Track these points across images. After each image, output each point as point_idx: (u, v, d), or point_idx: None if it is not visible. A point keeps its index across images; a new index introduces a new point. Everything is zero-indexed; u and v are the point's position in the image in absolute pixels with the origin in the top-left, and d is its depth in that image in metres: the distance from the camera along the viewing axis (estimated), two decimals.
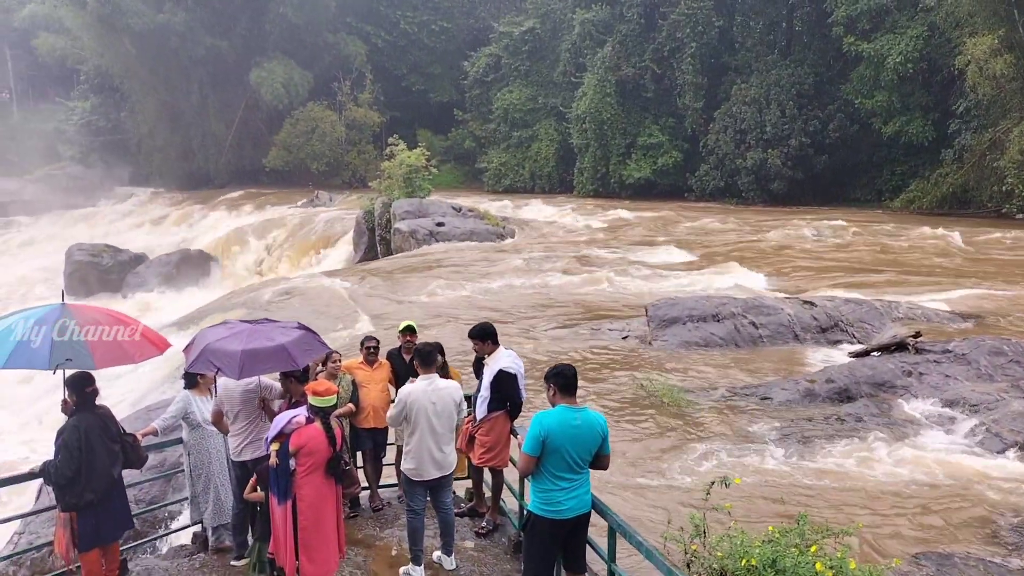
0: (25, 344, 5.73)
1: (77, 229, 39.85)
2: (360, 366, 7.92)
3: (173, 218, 41.14)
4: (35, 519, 9.35)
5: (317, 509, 5.58)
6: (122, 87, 49.97)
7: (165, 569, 6.76)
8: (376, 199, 30.26)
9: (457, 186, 48.66)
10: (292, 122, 47.04)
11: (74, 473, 6.02)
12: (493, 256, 23.76)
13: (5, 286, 32.28)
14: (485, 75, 49.60)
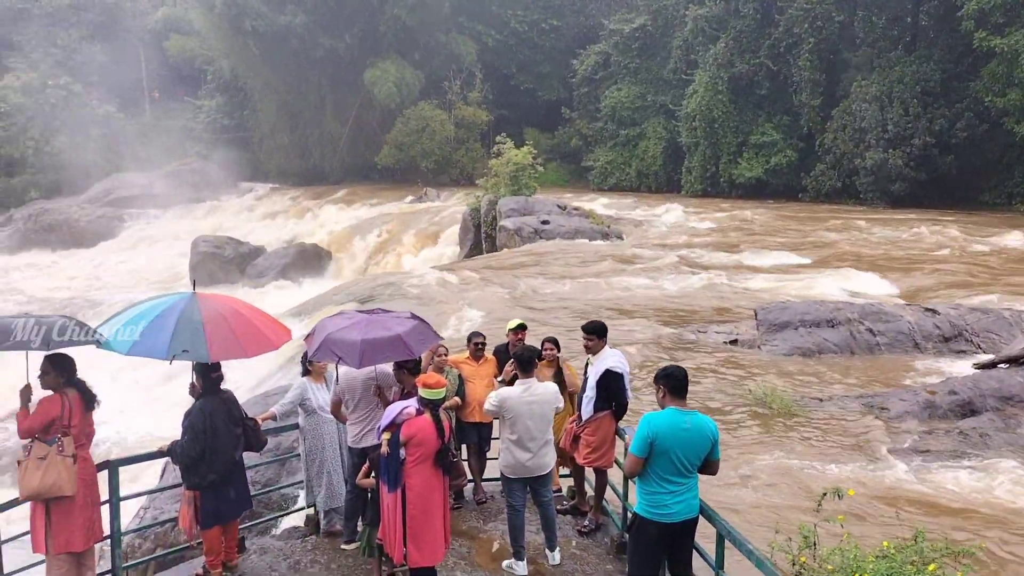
0: (150, 333, 6.02)
1: (202, 222, 41.96)
2: (467, 361, 8.05)
3: (290, 213, 42.75)
4: (159, 495, 9.92)
5: (425, 499, 5.71)
6: (246, 87, 52.26)
7: (280, 549, 7.05)
8: (482, 196, 30.60)
9: (563, 184, 48.67)
10: (403, 120, 48.09)
11: (199, 454, 6.34)
12: (598, 255, 23.65)
13: (137, 274, 34.36)
14: (594, 73, 49.40)
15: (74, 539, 5.99)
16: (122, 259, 37.26)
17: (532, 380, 6.37)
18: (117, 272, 35.17)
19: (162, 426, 14.21)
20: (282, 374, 16.45)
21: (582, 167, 49.72)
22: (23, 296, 30.81)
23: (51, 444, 5.89)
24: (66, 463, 5.89)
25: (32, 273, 35.72)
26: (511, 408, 6.27)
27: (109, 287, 32.16)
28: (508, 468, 6.44)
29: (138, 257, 37.20)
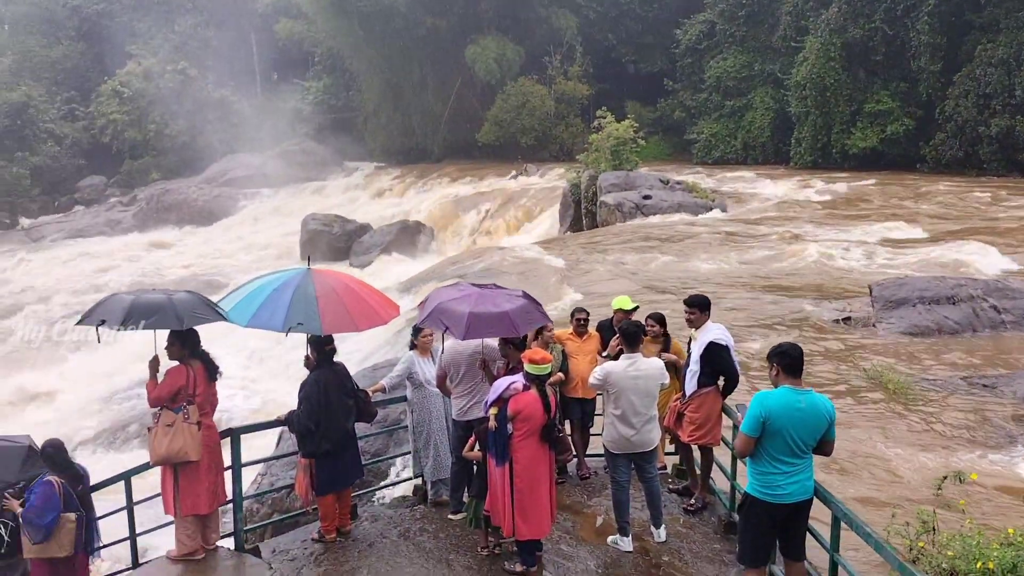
0: (267, 306, 6.27)
1: (311, 200, 43.28)
2: (570, 337, 8.04)
3: (394, 191, 43.59)
4: (275, 463, 10.36)
5: (532, 473, 5.76)
6: (351, 67, 53.40)
7: (389, 517, 7.26)
8: (583, 172, 30.37)
9: (665, 158, 47.77)
10: (503, 97, 48.14)
11: (314, 424, 6.58)
12: (702, 229, 23.16)
13: (252, 250, 35.80)
14: (698, 43, 48.12)
15: (200, 502, 6.33)
16: (238, 236, 38.89)
17: (637, 355, 6.31)
18: (233, 249, 36.73)
19: (279, 396, 14.84)
20: (388, 348, 16.87)
21: (685, 140, 48.64)
22: (150, 272, 32.60)
23: (177, 412, 6.22)
24: (191, 430, 6.21)
25: (156, 250, 37.73)
26: (615, 382, 6.23)
27: (227, 263, 33.65)
28: (612, 443, 6.41)
29: (252, 235, 38.73)
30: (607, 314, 8.27)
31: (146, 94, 53.06)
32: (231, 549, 6.68)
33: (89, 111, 55.35)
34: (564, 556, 6.32)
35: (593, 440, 8.21)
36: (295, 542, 6.80)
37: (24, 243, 41.70)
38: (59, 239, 41.65)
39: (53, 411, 18.56)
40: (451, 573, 6.04)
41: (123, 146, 53.24)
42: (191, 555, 6.39)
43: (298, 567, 6.27)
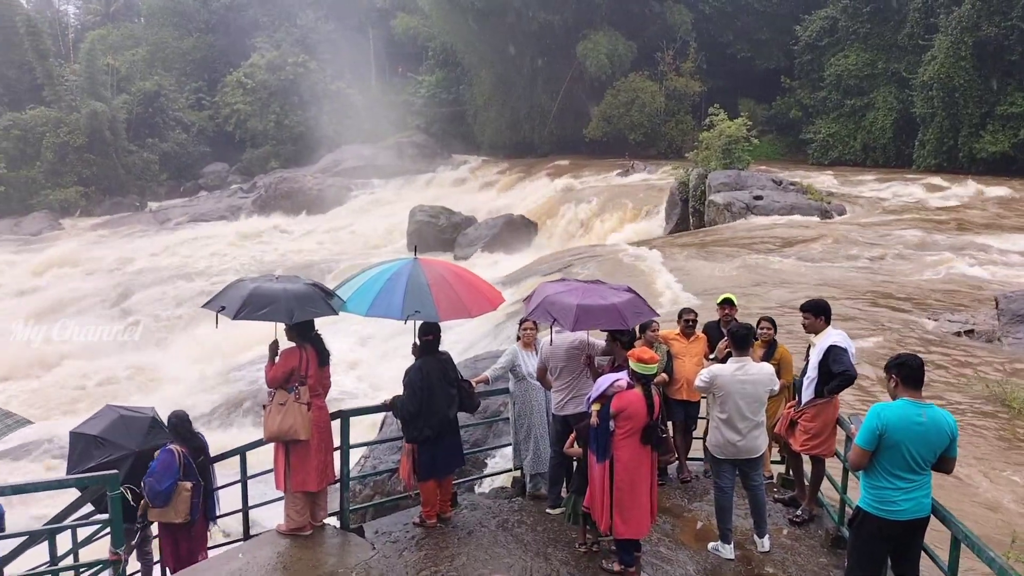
0: (384, 295, 6.43)
1: (419, 192, 44.14)
2: (677, 337, 7.93)
3: (500, 185, 43.95)
4: (378, 446, 10.64)
5: (633, 472, 5.71)
6: (463, 62, 54.10)
7: (488, 507, 7.34)
8: (691, 170, 29.83)
9: (778, 158, 46.36)
10: (613, 93, 47.75)
11: (416, 410, 6.71)
12: (815, 233, 22.38)
13: (362, 239, 36.84)
14: (818, 39, 46.42)
15: (309, 479, 6.57)
16: (349, 225, 40.06)
17: (747, 359, 6.16)
18: (344, 237, 37.89)
19: (385, 381, 15.24)
20: (490, 340, 17.07)
21: (800, 140, 47.07)
22: (265, 257, 34.01)
23: (290, 392, 6.47)
24: (301, 410, 6.45)
25: (272, 235, 39.30)
26: (722, 386, 6.11)
27: (337, 250, 34.74)
28: (716, 448, 6.29)
29: (362, 224, 39.81)
30: (714, 316, 8.13)
31: (268, 85, 55.25)
32: (337, 527, 6.90)
33: (215, 101, 58.10)
34: (663, 559, 6.25)
35: (695, 443, 8.09)
36: (397, 525, 6.96)
37: (152, 225, 44.18)
38: (183, 222, 43.92)
39: (175, 385, 19.63)
40: (548, 567, 6.06)
41: (245, 135, 55.63)
42: (299, 530, 6.63)
43: (400, 549, 6.41)
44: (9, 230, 43.41)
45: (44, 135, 49.43)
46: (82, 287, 31.65)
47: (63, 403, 20.54)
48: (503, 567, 6.01)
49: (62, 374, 22.42)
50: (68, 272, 34.61)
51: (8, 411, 7.06)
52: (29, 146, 49.30)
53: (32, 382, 22.19)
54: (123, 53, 57.42)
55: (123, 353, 23.84)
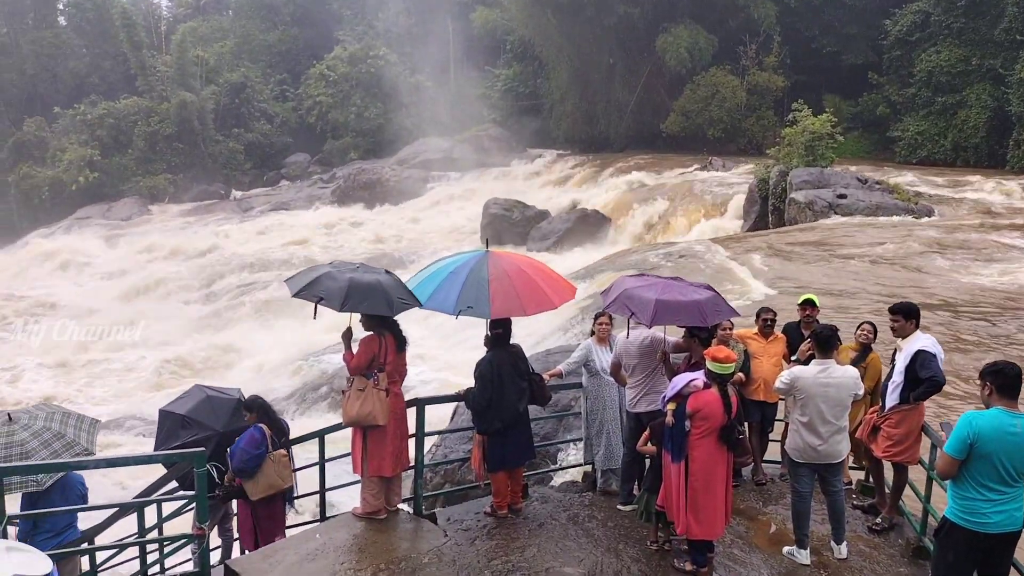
0: (443, 288, 6.48)
1: (494, 185, 44.31)
2: (754, 337, 7.80)
3: (574, 179, 43.76)
4: (449, 435, 10.76)
5: (708, 472, 5.64)
6: (541, 55, 54.04)
7: (559, 500, 7.36)
8: (772, 167, 29.17)
9: (863, 156, 44.91)
10: (692, 87, 47.00)
11: (486, 402, 6.76)
12: (902, 234, 21.64)
13: (436, 230, 37.26)
14: (909, 34, 44.77)
15: (385, 465, 6.69)
16: (424, 216, 40.54)
17: (831, 361, 6.01)
18: (419, 229, 38.36)
19: (458, 371, 15.39)
20: (562, 334, 17.06)
21: (887, 137, 45.51)
22: (345, 247, 34.70)
23: (369, 378, 6.59)
24: (380, 396, 6.56)
25: (350, 226, 40.06)
26: (804, 388, 5.97)
27: (412, 242, 35.21)
28: (795, 451, 6.16)
29: (437, 216, 40.23)
30: (793, 316, 7.96)
31: (349, 78, 56.24)
32: (410, 513, 7.02)
33: (298, 92, 59.47)
34: (736, 560, 6.16)
35: (771, 446, 7.95)
36: (468, 513, 7.03)
37: (235, 212, 45.54)
38: (265, 210, 45.14)
39: (255, 368, 20.22)
40: (619, 563, 6.04)
41: (326, 126, 56.79)
42: (374, 514, 6.76)
43: (471, 537, 6.48)
44: (102, 215, 45.34)
45: (136, 124, 51.47)
46: (168, 271, 32.89)
47: (147, 381, 21.40)
48: (573, 560, 6.02)
49: (146, 353, 23.34)
50: (155, 256, 36.00)
51: (80, 415, 7.31)
52: (122, 134, 51.41)
53: (121, 360, 23.17)
54: (212, 45, 59.25)
55: (206, 335, 24.68)
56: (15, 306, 29.77)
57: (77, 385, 21.72)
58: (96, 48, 58.00)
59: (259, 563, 6.08)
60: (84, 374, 22.43)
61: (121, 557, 8.44)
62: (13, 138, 51.82)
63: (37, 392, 21.05)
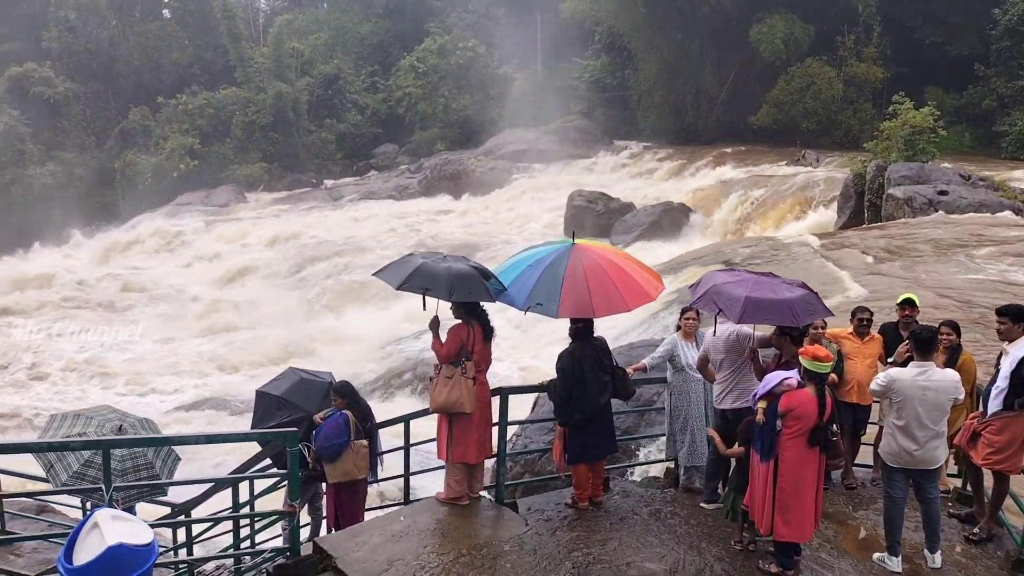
0: (518, 282, 6.47)
1: (579, 176, 44.14)
2: (849, 336, 7.58)
3: (661, 172, 43.21)
4: (530, 425, 10.84)
5: (798, 474, 5.52)
6: (629, 46, 53.48)
7: (640, 495, 7.32)
8: (869, 162, 28.16)
9: (966, 151, 42.84)
10: (786, 79, 45.69)
11: (567, 395, 6.77)
12: (1009, 235, 20.60)
13: (520, 221, 37.39)
14: (1021, 23, 42.47)
15: (469, 452, 6.79)
16: (508, 208, 40.73)
17: (930, 364, 5.79)
18: (503, 220, 38.56)
19: (541, 362, 15.47)
20: (644, 328, 16.94)
21: (993, 132, 43.32)
22: (430, 236, 35.18)
23: (456, 366, 6.69)
24: (467, 384, 6.66)
25: (435, 216, 40.59)
26: (901, 391, 5.77)
27: (497, 233, 35.43)
28: (890, 456, 5.97)
29: (522, 207, 40.35)
30: (891, 316, 7.70)
31: (438, 69, 56.87)
32: (492, 500, 7.10)
33: (388, 84, 60.50)
34: (824, 565, 6.02)
35: (863, 449, 7.73)
36: (549, 504, 7.07)
37: (326, 201, 46.70)
38: (354, 199, 46.14)
39: (341, 353, 20.76)
40: (701, 560, 5.97)
41: (415, 117, 57.61)
42: (457, 500, 6.88)
43: (552, 527, 6.52)
44: (200, 201, 47.16)
45: (234, 114, 53.33)
46: (261, 256, 34.02)
47: (238, 362, 22.23)
48: (655, 556, 5.99)
49: (238, 336, 24.23)
50: (250, 242, 37.27)
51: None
52: (221, 124, 53.37)
53: (213, 342, 24.12)
54: (307, 37, 60.77)
55: (295, 320, 25.45)
56: (122, 288, 31.34)
57: (178, 361, 22.76)
58: (198, 40, 60.28)
59: (346, 542, 6.26)
60: (186, 353, 23.47)
61: (215, 531, 8.83)
62: (119, 126, 54.45)
63: (144, 368, 22.22)
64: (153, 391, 20.71)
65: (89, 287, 31.47)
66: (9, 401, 20.28)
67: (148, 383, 21.24)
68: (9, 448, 7.49)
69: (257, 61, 56.15)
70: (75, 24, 56.22)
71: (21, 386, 21.62)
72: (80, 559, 2.80)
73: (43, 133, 51.71)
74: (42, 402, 20.07)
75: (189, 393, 20.01)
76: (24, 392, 21.14)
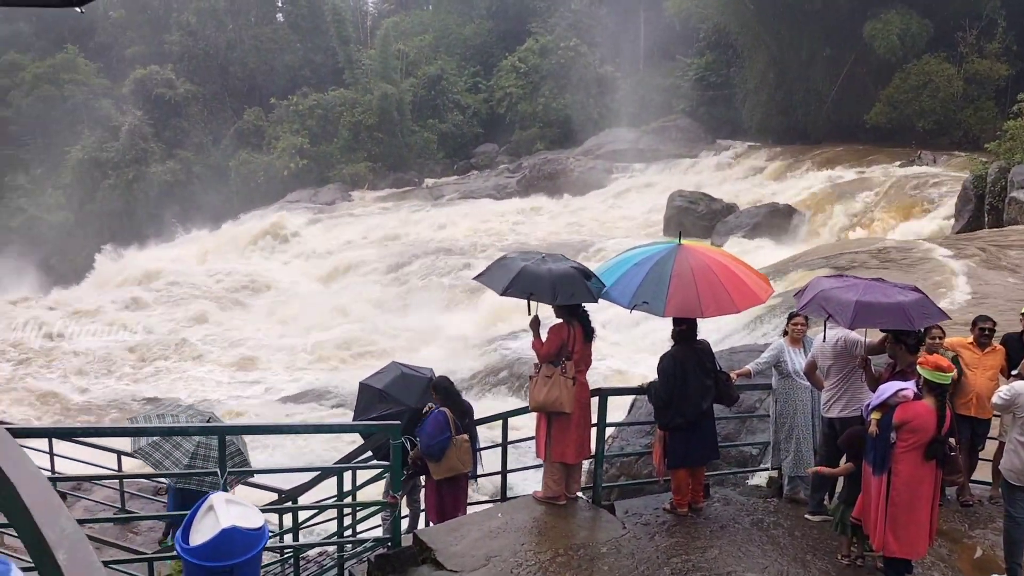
0: (623, 280, 6.41)
1: (679, 177, 43.47)
2: (969, 347, 7.22)
3: (767, 172, 42.06)
4: (627, 428, 10.73)
5: (912, 489, 5.28)
6: (735, 43, 52.29)
7: (742, 504, 7.16)
8: (990, 163, 26.66)
9: None
10: (902, 76, 43.69)
11: (668, 398, 6.67)
12: None
13: (618, 222, 37.13)
14: None
15: (568, 452, 6.79)
16: (607, 208, 40.49)
17: None
18: (600, 220, 38.36)
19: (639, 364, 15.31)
20: (746, 332, 16.54)
21: None
22: (528, 236, 35.37)
23: (556, 365, 6.69)
24: (567, 384, 6.65)
25: (533, 215, 40.72)
26: None
27: (596, 233, 35.28)
28: (1012, 473, 5.65)
29: (620, 207, 40.06)
30: (1014, 327, 7.28)
31: (540, 69, 57.04)
32: (589, 501, 7.08)
33: (490, 84, 61.05)
34: None
35: (980, 465, 7.34)
36: (647, 508, 6.99)
37: (427, 200, 47.53)
38: (454, 199, 46.77)
39: (439, 349, 21.09)
40: (806, 573, 5.79)
41: (515, 117, 57.95)
42: (554, 499, 6.88)
43: (651, 532, 6.44)
44: (308, 199, 48.78)
45: (342, 114, 54.92)
46: (364, 253, 34.91)
47: (340, 356, 22.89)
48: (757, 567, 5.84)
49: (341, 331, 24.94)
50: (353, 239, 38.31)
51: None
52: (329, 124, 55.06)
53: (317, 336, 24.90)
54: (412, 39, 61.98)
55: (395, 316, 26.02)
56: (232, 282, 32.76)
57: (283, 354, 23.63)
58: (309, 43, 62.34)
59: (445, 535, 6.36)
60: (291, 346, 24.35)
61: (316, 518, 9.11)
62: (235, 126, 56.85)
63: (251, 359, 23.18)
64: (258, 381, 21.59)
65: (201, 281, 33.04)
66: (115, 388, 21.66)
67: (254, 374, 22.15)
68: (129, 432, 7.91)
69: (364, 63, 57.64)
70: (195, 28, 59.04)
71: (127, 375, 22.99)
72: (196, 540, 2.94)
73: (164, 132, 54.58)
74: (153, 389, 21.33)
75: (293, 384, 20.76)
76: (131, 380, 22.47)
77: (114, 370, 23.49)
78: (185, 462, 7.16)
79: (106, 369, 23.51)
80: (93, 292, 34.61)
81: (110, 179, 51.83)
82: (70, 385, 22.09)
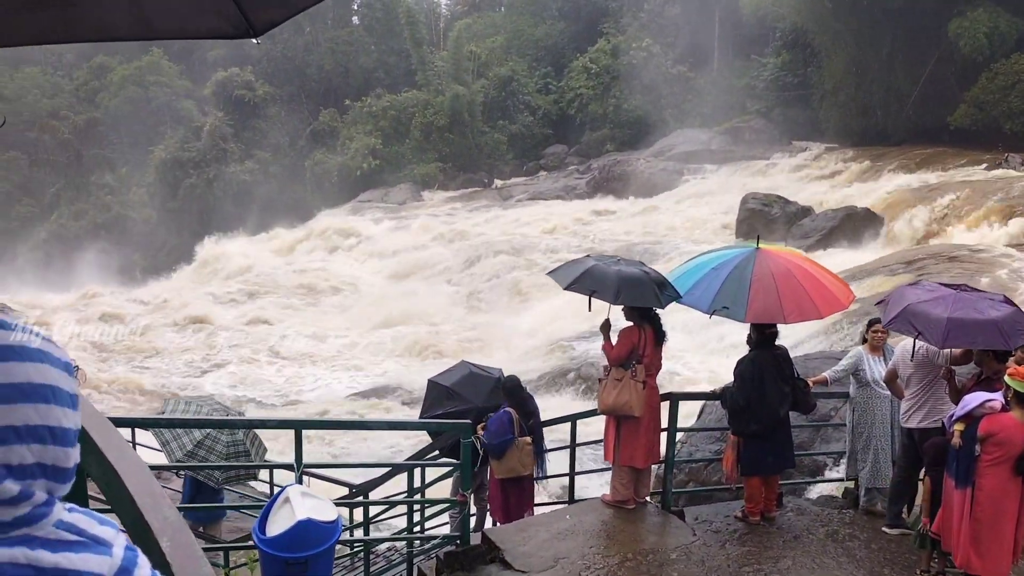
0: (702, 284, 6.34)
1: (753, 178, 42.63)
2: None
3: (845, 175, 40.89)
4: (696, 434, 10.59)
5: (997, 504, 5.09)
6: (813, 43, 51.05)
7: (816, 514, 7.01)
8: None
9: None
10: (989, 76, 41.97)
11: (744, 403, 6.57)
12: None
13: (688, 224, 36.64)
14: None
15: (637, 456, 6.74)
16: (677, 210, 40.00)
17: None
18: (670, 222, 37.90)
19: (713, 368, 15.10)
20: (823, 338, 16.17)
21: None
22: (596, 237, 35.20)
23: (626, 369, 6.66)
24: (637, 387, 6.61)
25: (601, 217, 40.53)
26: None
27: (664, 235, 34.91)
28: None
29: (690, 210, 39.51)
30: None
31: (611, 70, 56.77)
32: (658, 506, 7.02)
33: (560, 85, 61.02)
34: None
35: None
36: (718, 515, 6.90)
37: (496, 200, 47.76)
38: (523, 199, 46.88)
39: (507, 350, 21.16)
40: None
41: (585, 118, 57.79)
42: (623, 503, 6.85)
43: (721, 540, 6.36)
44: (380, 199, 49.57)
45: (414, 115, 55.64)
46: (434, 253, 35.27)
47: (410, 354, 23.17)
48: None
49: (411, 329, 25.24)
50: (423, 239, 38.74)
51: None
52: (401, 125, 55.85)
53: (387, 334, 25.27)
54: (484, 40, 62.38)
55: (463, 316, 26.22)
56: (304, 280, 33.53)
57: (354, 350, 24.07)
58: (383, 45, 63.35)
59: (514, 535, 6.39)
60: (361, 343, 24.80)
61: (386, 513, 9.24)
62: (311, 127, 58.14)
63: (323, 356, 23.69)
64: (331, 378, 22.03)
65: (276, 277, 33.88)
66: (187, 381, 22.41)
67: (326, 370, 22.61)
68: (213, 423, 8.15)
69: (436, 64, 58.26)
70: (274, 32, 60.42)
71: (197, 367, 23.74)
72: (272, 531, 3.03)
73: (243, 133, 56.18)
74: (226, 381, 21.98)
75: (364, 381, 21.11)
76: (201, 372, 23.20)
77: (192, 361, 24.28)
78: (189, 448, 7.38)
79: (182, 362, 24.32)
80: (188, 285, 36.00)
81: (191, 178, 53.61)
82: (150, 374, 22.93)
